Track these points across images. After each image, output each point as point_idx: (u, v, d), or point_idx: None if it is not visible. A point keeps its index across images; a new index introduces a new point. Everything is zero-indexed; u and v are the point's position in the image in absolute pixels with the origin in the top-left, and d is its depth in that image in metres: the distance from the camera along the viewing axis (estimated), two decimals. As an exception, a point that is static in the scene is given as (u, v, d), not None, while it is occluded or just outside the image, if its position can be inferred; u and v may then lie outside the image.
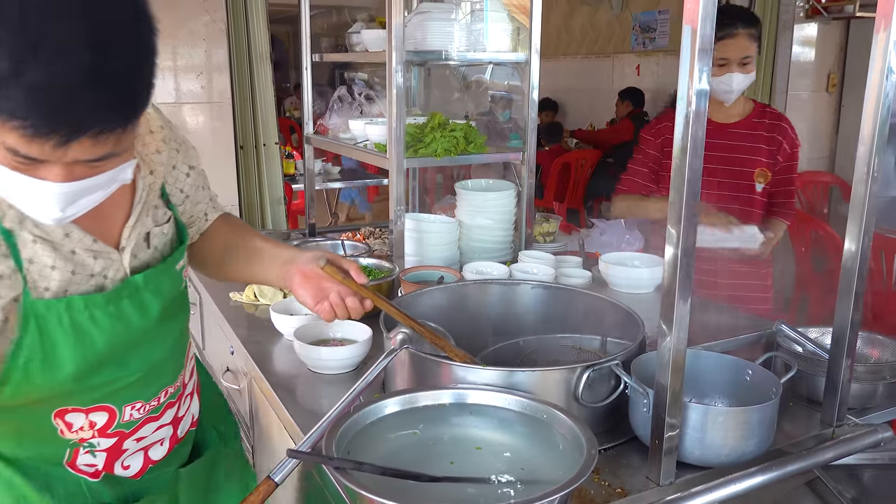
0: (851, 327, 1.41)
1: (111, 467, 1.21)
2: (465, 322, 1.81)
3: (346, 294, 1.43)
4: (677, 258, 1.17)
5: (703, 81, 1.11)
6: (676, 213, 1.15)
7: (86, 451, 1.17)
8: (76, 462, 1.17)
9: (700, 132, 1.13)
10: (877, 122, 1.34)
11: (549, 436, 1.28)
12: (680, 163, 1.14)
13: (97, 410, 1.14)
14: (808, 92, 5.22)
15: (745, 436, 1.31)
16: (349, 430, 1.23)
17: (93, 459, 1.18)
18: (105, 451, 1.19)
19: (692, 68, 1.10)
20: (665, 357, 1.23)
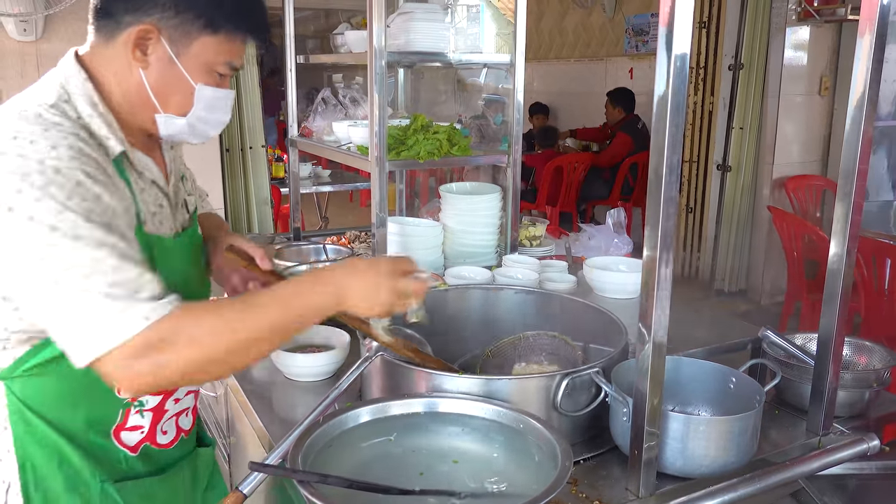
0: (837, 334, 1.38)
1: (154, 431, 1.28)
2: (445, 328, 1.77)
3: (249, 279, 1.42)
4: (655, 261, 1.14)
5: (682, 80, 1.08)
6: (654, 215, 1.12)
7: (136, 410, 1.24)
8: (126, 424, 1.24)
9: (679, 131, 1.09)
10: (861, 126, 1.30)
11: (525, 446, 1.24)
12: (657, 163, 1.10)
13: None
14: (800, 95, 5.19)
15: (728, 446, 1.28)
16: (317, 441, 1.19)
17: (141, 420, 1.26)
18: (151, 412, 1.27)
19: (669, 67, 1.07)
20: (644, 364, 1.19)
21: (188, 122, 1.21)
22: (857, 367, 1.61)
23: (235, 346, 1.05)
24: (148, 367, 1.00)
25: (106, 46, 1.15)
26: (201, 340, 1.02)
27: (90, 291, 0.98)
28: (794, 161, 5.31)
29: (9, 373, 1.14)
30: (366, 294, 1.16)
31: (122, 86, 1.16)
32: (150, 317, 0.99)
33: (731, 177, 5.34)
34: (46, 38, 2.98)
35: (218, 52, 1.17)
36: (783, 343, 1.57)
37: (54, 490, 1.18)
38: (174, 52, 1.14)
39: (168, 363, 1.01)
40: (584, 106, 7.80)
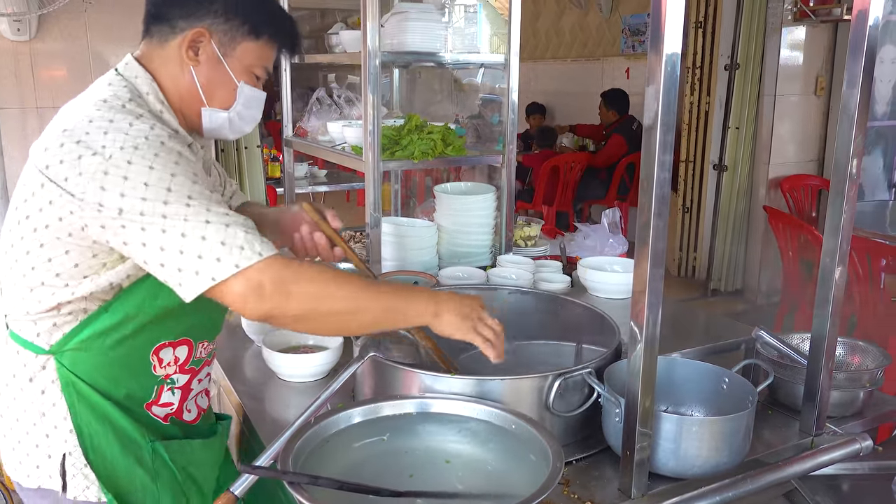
0: (830, 334, 1.38)
1: (181, 409, 1.39)
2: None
3: (315, 230, 1.58)
4: (647, 260, 1.13)
5: (673, 81, 1.08)
6: (646, 214, 1.11)
7: (168, 388, 1.36)
8: (159, 400, 1.35)
9: (669, 133, 1.09)
10: (853, 126, 1.30)
11: (517, 447, 1.23)
12: (649, 162, 1.10)
13: (181, 344, 1.36)
14: (796, 95, 5.19)
15: (720, 446, 1.27)
16: (308, 442, 1.19)
17: (171, 398, 1.37)
18: (180, 389, 1.38)
19: (660, 68, 1.07)
20: (636, 365, 1.19)
21: (229, 116, 1.38)
22: (851, 367, 1.60)
23: (350, 303, 1.21)
24: (276, 291, 1.14)
25: (161, 48, 1.32)
26: (320, 286, 1.18)
27: (212, 236, 1.12)
28: (790, 161, 5.31)
29: (59, 347, 1.26)
30: (457, 319, 1.32)
31: (176, 83, 1.33)
32: (262, 252, 1.13)
33: (727, 176, 5.34)
34: (40, 37, 2.97)
35: (257, 56, 1.36)
36: (776, 343, 1.57)
37: (110, 452, 1.29)
38: (221, 53, 1.33)
39: (291, 294, 1.15)
40: (580, 106, 7.80)
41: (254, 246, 1.13)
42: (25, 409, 1.30)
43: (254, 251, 1.13)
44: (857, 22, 1.29)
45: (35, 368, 1.27)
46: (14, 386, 1.30)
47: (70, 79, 3.05)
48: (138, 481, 1.31)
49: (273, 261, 1.14)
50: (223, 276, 1.12)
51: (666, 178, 1.11)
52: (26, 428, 1.30)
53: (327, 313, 1.21)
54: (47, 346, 1.26)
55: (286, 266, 1.16)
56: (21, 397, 1.30)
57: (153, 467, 1.32)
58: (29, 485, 1.31)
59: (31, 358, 1.27)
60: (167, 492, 1.34)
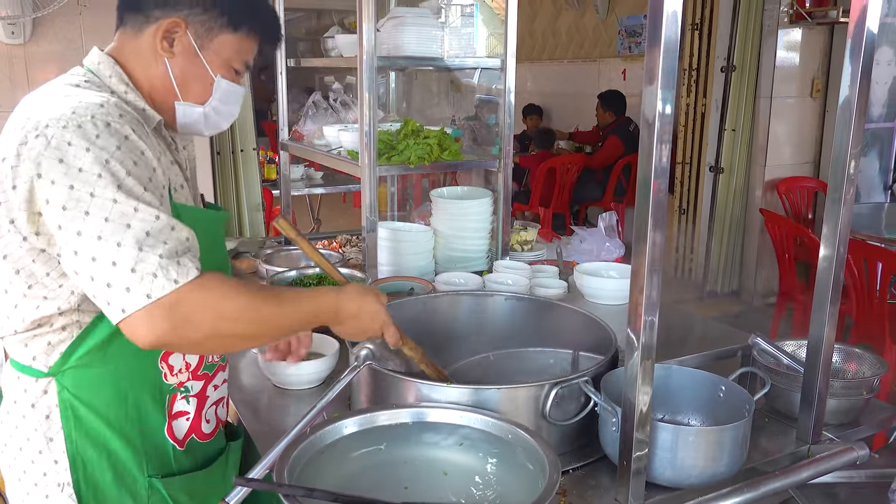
0: (826, 343, 1.37)
1: (199, 419, 1.34)
2: (435, 335, 1.76)
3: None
4: (644, 267, 1.12)
5: (670, 85, 1.07)
6: (643, 220, 1.11)
7: (181, 396, 1.30)
8: (173, 410, 1.29)
9: (667, 138, 1.09)
10: (850, 129, 1.30)
11: (514, 457, 1.23)
12: (645, 168, 1.09)
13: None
14: (792, 97, 5.19)
15: (717, 456, 1.27)
16: (304, 453, 1.18)
17: (186, 406, 1.31)
18: (195, 397, 1.33)
19: (657, 71, 1.06)
20: (632, 373, 1.19)
21: (205, 111, 1.31)
22: (847, 374, 1.60)
23: (253, 326, 1.13)
24: (170, 326, 1.04)
25: (134, 38, 1.26)
26: (224, 311, 1.09)
27: (126, 246, 1.03)
28: (787, 163, 5.32)
29: (58, 367, 1.19)
30: (355, 332, 1.32)
31: (148, 75, 1.26)
32: (179, 280, 1.04)
33: (723, 178, 5.34)
34: (35, 40, 2.96)
35: (236, 50, 1.29)
36: (773, 350, 1.57)
37: (103, 484, 1.23)
38: (198, 45, 1.26)
39: (191, 326, 1.06)
40: (577, 107, 7.80)
41: (168, 272, 1.04)
42: (29, 438, 1.23)
43: (168, 279, 1.03)
44: (857, 24, 1.28)
45: (37, 393, 1.21)
46: (15, 413, 1.24)
47: (65, 82, 3.03)
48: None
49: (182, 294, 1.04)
50: (133, 307, 1.02)
51: (663, 185, 1.10)
52: (31, 457, 1.23)
53: (230, 335, 1.12)
54: (45, 368, 1.20)
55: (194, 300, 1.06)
56: (23, 425, 1.23)
57: (148, 503, 1.26)
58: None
59: (32, 383, 1.21)
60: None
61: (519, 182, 6.84)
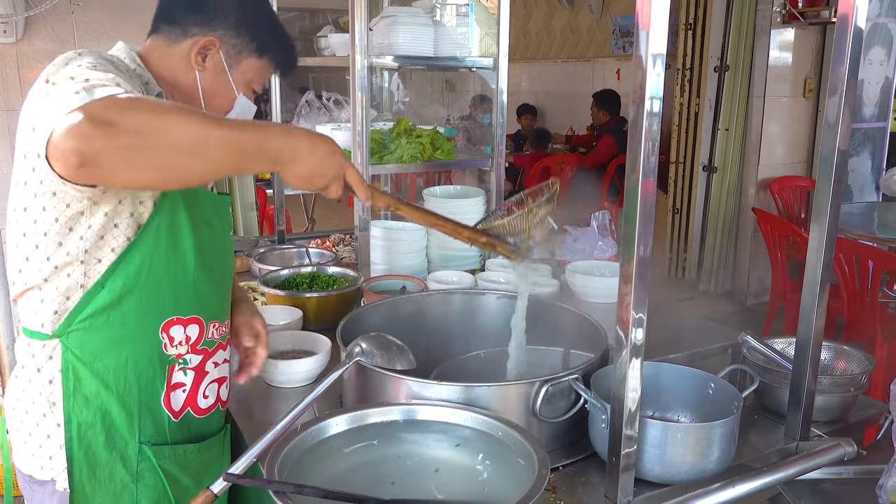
0: (815, 340, 1.38)
1: (196, 392, 1.38)
2: (426, 333, 1.77)
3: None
4: (633, 265, 1.13)
5: (658, 82, 1.08)
6: (632, 218, 1.11)
7: (179, 367, 1.34)
8: (171, 381, 1.34)
9: (655, 136, 1.09)
10: (839, 129, 1.30)
11: (504, 454, 1.24)
12: (634, 166, 1.10)
13: (192, 322, 1.35)
14: (785, 97, 5.22)
15: (706, 452, 1.28)
16: (294, 450, 1.18)
17: (183, 378, 1.36)
18: (193, 370, 1.37)
19: (646, 69, 1.07)
20: (622, 370, 1.19)
21: None
22: (836, 371, 1.61)
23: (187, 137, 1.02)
24: (101, 136, 0.97)
25: (167, 48, 1.37)
26: (155, 116, 1.01)
27: (79, 91, 1.03)
28: (779, 162, 5.34)
29: (63, 328, 1.25)
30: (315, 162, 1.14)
31: (177, 79, 1.37)
32: (112, 94, 1.02)
33: (716, 178, 5.36)
34: (27, 39, 2.95)
35: (258, 73, 1.42)
36: (762, 348, 1.58)
37: (94, 445, 1.28)
38: (227, 64, 1.38)
39: (120, 127, 0.98)
40: (571, 106, 7.82)
41: (93, 93, 1.02)
42: (34, 401, 1.29)
43: (91, 96, 1.01)
44: (841, 24, 1.29)
45: (43, 359, 1.27)
46: (23, 377, 1.30)
47: (57, 81, 3.03)
48: (118, 480, 1.30)
49: (105, 98, 1.01)
50: (57, 122, 0.98)
51: (652, 183, 1.10)
52: (36, 419, 1.29)
53: (165, 148, 1.01)
54: (51, 331, 1.25)
55: (118, 99, 1.02)
56: (29, 389, 1.30)
57: (137, 469, 1.31)
58: (42, 477, 1.30)
59: (39, 348, 1.27)
60: (148, 496, 1.32)
61: (513, 181, 6.85)
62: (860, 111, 5.18)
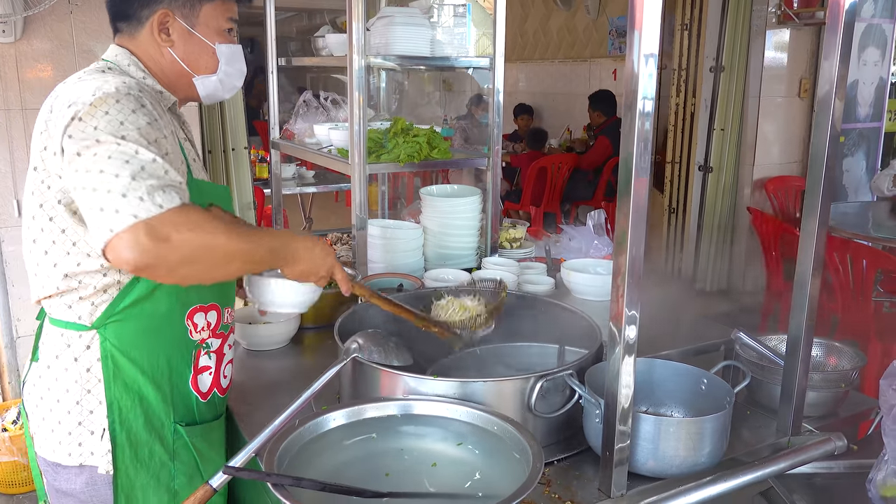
0: (805, 336, 1.40)
1: (219, 373, 1.50)
2: (423, 329, 1.78)
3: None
4: (626, 262, 1.15)
5: (651, 83, 1.09)
6: (625, 215, 1.13)
7: (204, 352, 1.45)
8: (199, 364, 1.45)
9: (648, 132, 1.11)
10: (829, 127, 1.32)
11: (499, 448, 1.25)
12: (628, 164, 1.12)
13: (211, 309, 1.46)
14: (780, 97, 5.24)
15: (698, 446, 1.30)
16: (293, 444, 1.20)
17: (209, 361, 1.47)
18: (215, 353, 1.48)
19: (639, 70, 1.09)
20: (615, 366, 1.21)
21: (219, 77, 1.47)
22: (827, 367, 1.63)
23: (224, 256, 1.21)
24: (151, 245, 1.12)
25: (133, 40, 1.42)
26: (202, 239, 1.17)
27: (122, 177, 1.14)
28: (775, 162, 5.36)
29: (101, 321, 1.33)
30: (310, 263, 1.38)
31: (158, 65, 1.42)
32: (164, 206, 1.14)
33: (712, 177, 5.39)
34: (26, 39, 2.96)
35: (220, 13, 1.45)
36: (755, 344, 1.60)
37: (135, 427, 1.37)
38: (189, 24, 1.42)
39: (170, 247, 1.13)
40: (568, 107, 7.84)
41: (154, 198, 1.13)
42: (68, 389, 1.36)
43: (154, 203, 1.13)
44: (834, 22, 1.31)
45: (80, 348, 1.34)
46: (57, 367, 1.36)
47: (56, 80, 3.00)
48: (157, 458, 1.40)
49: (164, 215, 1.14)
50: (120, 227, 1.11)
51: (644, 182, 1.12)
52: (68, 407, 1.36)
53: (203, 262, 1.20)
54: (90, 323, 1.33)
55: (174, 216, 1.15)
56: (64, 377, 1.36)
57: (173, 447, 1.42)
58: (70, 462, 1.37)
59: (76, 337, 1.34)
60: (183, 471, 1.43)
61: (510, 181, 6.87)
62: (855, 111, 5.21)
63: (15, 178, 3.05)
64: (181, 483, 1.43)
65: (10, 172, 3.04)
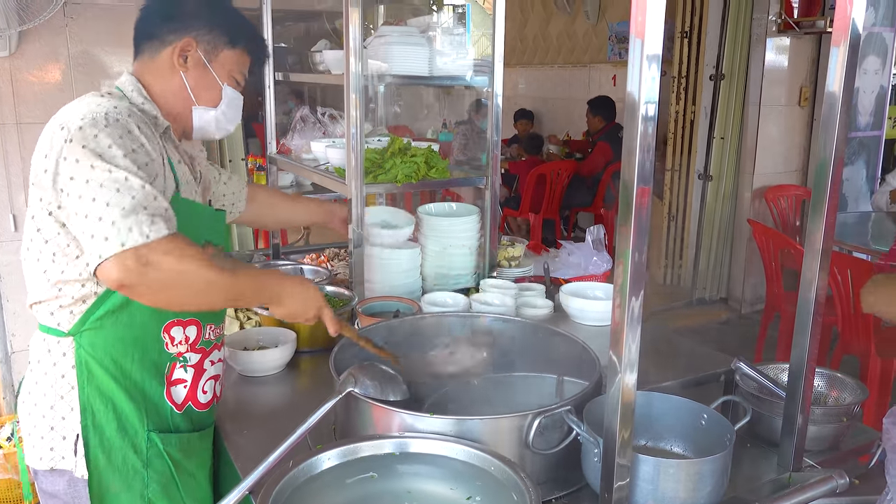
0: (807, 373, 1.38)
1: (195, 388, 1.53)
2: (420, 356, 1.77)
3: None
4: (627, 291, 1.11)
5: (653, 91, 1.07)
6: (626, 238, 1.10)
7: (180, 365, 1.50)
8: (172, 376, 1.49)
9: (650, 150, 1.08)
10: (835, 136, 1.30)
11: (496, 488, 1.23)
12: (629, 179, 1.08)
13: (190, 324, 1.50)
14: (780, 105, 5.23)
15: (697, 487, 1.28)
16: (286, 487, 1.18)
17: (184, 374, 1.51)
18: (193, 367, 1.52)
19: (641, 77, 1.06)
20: (614, 404, 1.19)
21: (216, 115, 1.56)
22: (829, 400, 1.61)
23: (206, 287, 1.30)
24: (136, 271, 1.23)
25: (151, 61, 1.52)
26: (184, 269, 1.27)
27: (112, 205, 1.23)
28: (775, 170, 5.35)
29: (78, 328, 1.40)
30: (297, 305, 1.49)
31: (166, 87, 1.51)
32: (150, 235, 1.23)
33: (712, 186, 5.37)
34: (20, 53, 2.94)
35: (236, 62, 1.57)
36: (755, 375, 1.58)
37: (108, 432, 1.42)
38: (207, 59, 1.53)
39: (154, 273, 1.24)
40: (568, 112, 7.82)
41: (142, 228, 1.23)
42: (45, 394, 1.42)
43: (141, 233, 1.23)
44: (840, 33, 1.28)
45: (58, 354, 1.41)
46: (38, 371, 1.43)
47: (51, 94, 3.02)
48: (130, 465, 1.44)
49: (149, 245, 1.23)
50: (109, 253, 1.22)
51: (648, 195, 1.08)
52: (43, 411, 1.42)
53: (184, 288, 1.29)
54: (67, 330, 1.40)
55: (161, 245, 1.25)
56: (42, 381, 1.43)
57: (147, 455, 1.45)
58: (41, 467, 1.43)
59: (55, 343, 1.41)
60: (157, 479, 1.46)
61: (509, 187, 6.85)
62: (855, 120, 5.19)
63: (10, 192, 3.03)
64: (154, 491, 1.46)
65: (6, 186, 3.02)
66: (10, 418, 3.04)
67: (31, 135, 3.00)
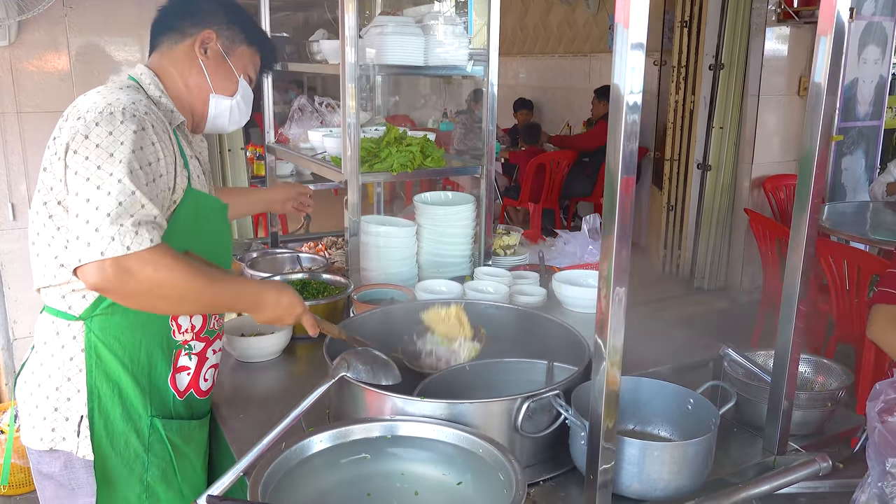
0: (791, 358, 1.41)
1: (198, 376, 1.58)
2: (415, 343, 1.79)
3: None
4: (611, 277, 1.13)
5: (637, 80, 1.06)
6: (610, 225, 1.11)
7: (185, 353, 1.55)
8: (177, 363, 1.54)
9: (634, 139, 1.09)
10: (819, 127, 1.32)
11: (484, 470, 1.26)
12: (614, 168, 1.10)
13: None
14: (779, 94, 5.23)
15: (682, 469, 1.30)
16: (277, 469, 1.21)
17: (188, 362, 1.56)
18: (196, 356, 1.57)
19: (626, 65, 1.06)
20: (599, 388, 1.21)
21: (231, 104, 1.62)
22: (815, 385, 1.64)
23: (183, 296, 1.34)
24: (114, 279, 1.25)
25: (170, 52, 1.57)
26: (161, 279, 1.29)
27: (101, 210, 1.25)
28: (773, 160, 5.36)
29: (89, 312, 1.43)
30: (277, 312, 1.52)
31: (184, 76, 1.56)
32: (131, 248, 1.25)
33: (710, 175, 5.38)
34: (20, 42, 2.96)
35: (250, 60, 1.65)
36: (743, 361, 1.60)
37: (113, 416, 1.46)
38: (225, 52, 1.59)
39: (131, 282, 1.27)
40: (568, 101, 7.82)
41: (124, 239, 1.25)
42: (50, 375, 1.45)
43: (122, 244, 1.25)
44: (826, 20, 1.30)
45: (67, 337, 1.44)
46: (44, 352, 1.46)
47: (51, 84, 3.04)
48: (132, 449, 1.47)
49: (129, 258, 1.25)
50: (87, 259, 1.25)
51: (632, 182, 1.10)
52: (47, 392, 1.45)
53: (162, 296, 1.32)
54: (78, 314, 1.43)
55: (140, 257, 1.27)
56: (49, 363, 1.45)
57: (148, 440, 1.49)
58: (40, 447, 1.46)
59: (64, 326, 1.44)
60: (156, 464, 1.50)
61: (510, 177, 6.86)
62: (854, 110, 5.19)
63: (10, 181, 3.05)
64: (153, 475, 1.50)
65: (5, 175, 3.04)
66: (13, 404, 3.08)
67: (30, 124, 3.02)
